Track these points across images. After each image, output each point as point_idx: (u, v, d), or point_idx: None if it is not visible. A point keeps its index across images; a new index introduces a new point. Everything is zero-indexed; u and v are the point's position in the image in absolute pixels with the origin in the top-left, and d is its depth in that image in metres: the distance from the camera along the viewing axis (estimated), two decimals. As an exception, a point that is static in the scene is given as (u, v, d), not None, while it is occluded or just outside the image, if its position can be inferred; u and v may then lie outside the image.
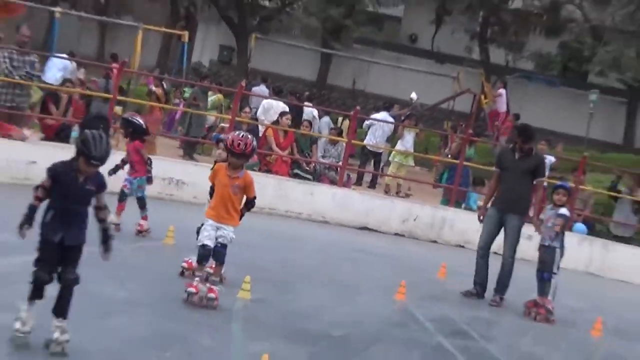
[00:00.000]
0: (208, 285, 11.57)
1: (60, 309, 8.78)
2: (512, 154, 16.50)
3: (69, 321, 8.63)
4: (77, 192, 8.94)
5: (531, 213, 16.49)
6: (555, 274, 15.69)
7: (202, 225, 12.03)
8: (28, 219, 8.63)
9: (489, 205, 16.64)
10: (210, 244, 11.54)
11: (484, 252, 16.29)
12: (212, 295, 11.36)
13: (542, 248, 15.99)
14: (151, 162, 15.78)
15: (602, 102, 50.89)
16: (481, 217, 16.67)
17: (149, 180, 15.75)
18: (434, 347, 12.63)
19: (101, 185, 9.02)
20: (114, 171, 14.68)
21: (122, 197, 15.44)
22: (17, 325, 8.82)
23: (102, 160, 8.85)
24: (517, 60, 57.50)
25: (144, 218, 15.51)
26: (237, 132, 12.28)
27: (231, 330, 10.39)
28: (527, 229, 16.54)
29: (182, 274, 12.91)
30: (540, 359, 13.33)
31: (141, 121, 16.04)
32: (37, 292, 8.95)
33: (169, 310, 11.08)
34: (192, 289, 11.48)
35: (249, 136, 11.82)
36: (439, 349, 12.58)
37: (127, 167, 15.63)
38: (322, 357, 11.10)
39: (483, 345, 13.20)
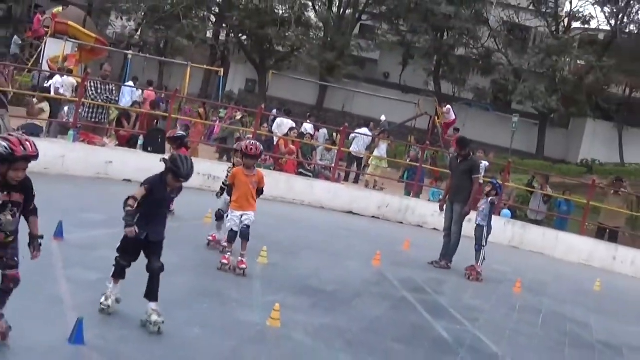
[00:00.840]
0: (240, 258, 11.76)
1: (152, 294, 8.81)
2: (455, 160, 16.79)
3: (140, 278, 8.64)
4: (163, 200, 9.08)
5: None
6: (484, 246, 15.94)
7: (219, 210, 13.20)
8: (131, 221, 8.53)
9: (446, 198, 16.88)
10: (236, 229, 11.83)
11: (447, 232, 16.46)
12: (242, 266, 11.67)
13: (476, 227, 16.21)
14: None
15: (521, 123, 51.09)
16: (441, 208, 16.96)
17: None
18: (400, 299, 12.74)
19: (180, 191, 9.19)
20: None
21: None
22: (102, 299, 8.85)
23: (187, 177, 8.90)
24: (461, 92, 57.53)
25: None
26: (249, 140, 12.69)
27: (252, 286, 10.48)
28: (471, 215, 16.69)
29: (208, 244, 13.42)
30: (477, 307, 13.39)
31: (182, 132, 16.16)
32: (119, 274, 8.98)
33: (207, 272, 11.23)
34: (225, 261, 11.85)
35: (257, 143, 12.26)
36: (404, 300, 12.69)
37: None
38: (319, 306, 11.17)
39: (435, 299, 13.28)
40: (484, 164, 24.75)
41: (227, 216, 12.33)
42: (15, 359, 6.94)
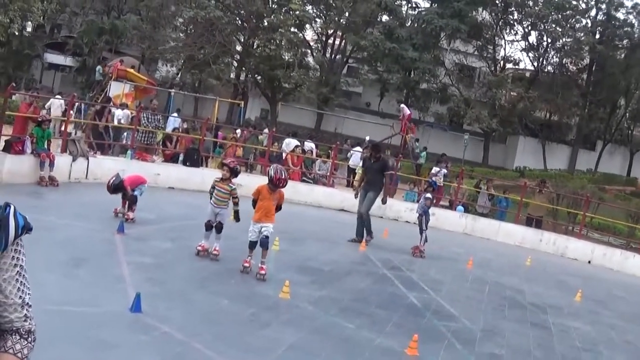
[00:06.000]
0: (260, 265, 10.33)
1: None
2: (369, 161, 16.53)
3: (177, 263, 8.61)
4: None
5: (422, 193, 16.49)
6: (424, 230, 15.83)
7: (209, 220, 10.94)
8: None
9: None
10: (255, 239, 10.38)
11: (360, 215, 16.17)
12: (262, 272, 10.25)
13: (417, 216, 16.31)
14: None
15: (471, 140, 51.29)
16: (356, 195, 16.65)
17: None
18: (381, 275, 12.68)
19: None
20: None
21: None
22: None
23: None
24: (425, 116, 57.49)
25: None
26: (279, 170, 10.54)
27: (268, 267, 10.37)
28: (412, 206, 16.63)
29: (197, 253, 11.03)
30: (440, 280, 13.34)
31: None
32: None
33: (235, 258, 11.06)
34: (247, 264, 10.53)
35: (284, 174, 10.51)
36: (384, 276, 12.64)
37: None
38: (318, 282, 11.14)
39: (409, 275, 13.21)
40: (443, 171, 24.74)
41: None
42: (90, 323, 6.95)
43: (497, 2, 58.06)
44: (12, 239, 2.36)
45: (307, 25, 54.20)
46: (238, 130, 27.92)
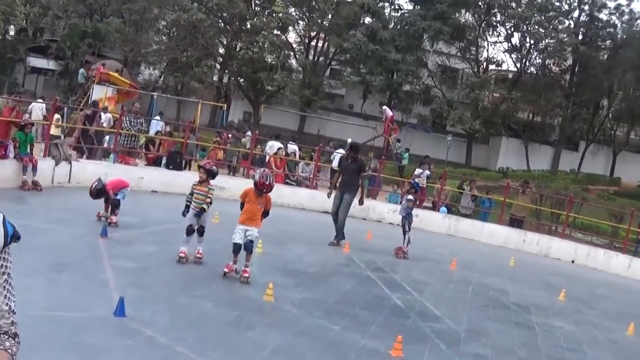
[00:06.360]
0: (244, 267, 10.24)
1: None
2: (346, 161, 16.45)
3: (163, 267, 8.61)
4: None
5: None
6: (408, 231, 15.89)
7: (190, 225, 10.70)
8: None
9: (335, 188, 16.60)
10: (240, 241, 10.18)
11: (334, 216, 16.09)
12: (246, 275, 10.16)
13: (401, 218, 16.34)
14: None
15: (454, 141, 51.86)
16: (330, 195, 16.55)
17: None
18: (364, 277, 12.74)
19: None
20: None
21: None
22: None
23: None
24: (408, 118, 57.63)
25: None
26: (265, 175, 10.36)
27: (251, 270, 10.37)
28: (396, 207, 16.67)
29: (179, 260, 10.75)
30: (423, 281, 13.41)
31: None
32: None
33: (219, 262, 11.03)
34: (229, 270, 10.34)
35: (271, 179, 10.37)
36: (368, 278, 12.69)
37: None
38: (303, 284, 11.17)
39: (392, 276, 13.27)
40: (426, 172, 24.81)
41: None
42: (75, 328, 6.95)
43: (480, 3, 58.33)
44: (0, 247, 2.38)
45: (290, 28, 54.33)
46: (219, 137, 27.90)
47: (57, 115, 24.57)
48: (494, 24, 60.39)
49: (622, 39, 59.86)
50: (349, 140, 37.40)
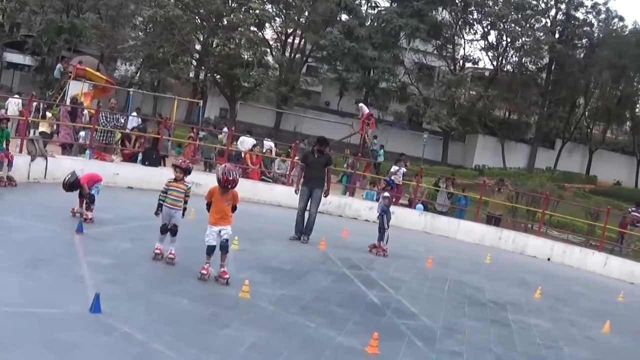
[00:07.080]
0: (221, 269, 10.05)
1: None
2: (313, 155, 16.09)
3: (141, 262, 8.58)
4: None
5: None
6: (386, 229, 15.91)
7: (165, 224, 10.63)
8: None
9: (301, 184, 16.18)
10: (214, 243, 9.99)
11: (302, 212, 15.89)
12: (226, 276, 10.00)
13: (378, 215, 16.33)
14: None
15: (430, 139, 52.11)
16: (297, 191, 16.21)
17: None
18: (340, 274, 12.74)
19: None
20: None
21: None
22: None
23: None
24: (384, 115, 57.87)
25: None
26: (227, 171, 10.02)
27: (228, 267, 10.33)
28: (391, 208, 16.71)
29: (154, 257, 10.71)
30: (399, 279, 13.43)
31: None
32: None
33: (195, 258, 10.98)
34: (204, 271, 10.06)
35: (234, 174, 10.01)
36: (344, 275, 12.71)
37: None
38: (279, 281, 11.15)
39: (368, 273, 13.29)
40: (402, 170, 24.88)
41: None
42: (51, 324, 6.92)
43: (456, 1, 58.69)
44: None
45: (267, 24, 54.31)
46: (199, 132, 27.80)
47: (49, 114, 24.52)
48: (471, 21, 60.74)
49: (599, 38, 60.46)
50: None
